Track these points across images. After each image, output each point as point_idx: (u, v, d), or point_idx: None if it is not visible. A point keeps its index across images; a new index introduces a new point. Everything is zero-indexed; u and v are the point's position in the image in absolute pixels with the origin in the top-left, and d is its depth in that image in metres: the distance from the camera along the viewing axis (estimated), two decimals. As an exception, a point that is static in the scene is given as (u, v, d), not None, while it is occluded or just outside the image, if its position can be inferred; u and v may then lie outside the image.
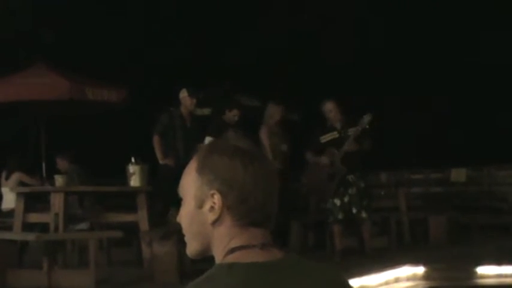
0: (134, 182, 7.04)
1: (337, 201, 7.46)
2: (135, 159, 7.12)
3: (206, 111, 9.24)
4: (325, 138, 7.51)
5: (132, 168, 7.05)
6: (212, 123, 8.05)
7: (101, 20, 14.07)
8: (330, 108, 7.45)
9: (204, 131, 7.75)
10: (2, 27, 13.30)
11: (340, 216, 7.48)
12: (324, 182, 7.50)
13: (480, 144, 13.51)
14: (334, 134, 7.48)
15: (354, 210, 7.46)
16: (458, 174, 11.73)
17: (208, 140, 7.15)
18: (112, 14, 14.31)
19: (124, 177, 7.20)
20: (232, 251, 1.41)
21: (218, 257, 1.44)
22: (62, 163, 9.29)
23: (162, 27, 14.97)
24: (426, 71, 14.77)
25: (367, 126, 7.31)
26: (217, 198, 1.41)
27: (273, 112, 7.95)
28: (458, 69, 14.15)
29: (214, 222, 1.43)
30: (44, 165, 9.94)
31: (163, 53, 14.75)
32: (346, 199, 7.45)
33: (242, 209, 1.41)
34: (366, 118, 7.32)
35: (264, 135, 7.89)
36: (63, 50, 13.52)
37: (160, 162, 7.79)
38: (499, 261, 7.05)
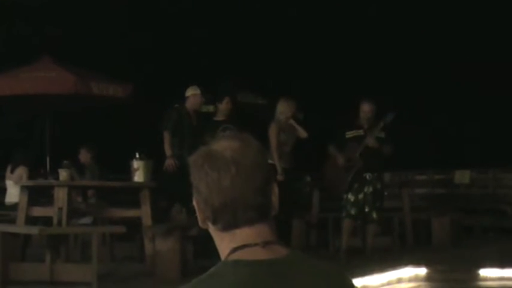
0: (138, 177, 7.04)
1: (351, 197, 7.51)
2: (139, 154, 7.11)
3: (211, 108, 9.21)
4: (350, 134, 7.62)
5: (136, 164, 7.04)
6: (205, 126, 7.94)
7: (107, 14, 14.08)
8: (368, 109, 7.52)
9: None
10: (8, 22, 13.33)
11: (353, 211, 7.52)
12: (340, 175, 7.55)
13: (485, 147, 13.48)
14: (360, 132, 7.59)
15: (367, 209, 7.50)
16: (462, 176, 11.70)
17: None
18: (119, 10, 14.32)
19: (128, 172, 7.20)
20: (234, 250, 1.42)
21: (222, 256, 1.45)
22: (85, 155, 9.27)
23: (168, 23, 14.98)
24: (427, 71, 14.75)
25: (389, 122, 7.44)
26: (195, 204, 1.47)
27: (284, 108, 7.79)
28: (461, 70, 14.12)
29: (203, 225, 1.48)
30: (48, 159, 9.95)
31: (169, 49, 14.76)
32: (360, 196, 7.49)
33: (208, 213, 1.44)
34: (390, 115, 7.46)
35: (272, 133, 7.70)
36: (69, 44, 13.54)
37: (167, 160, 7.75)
38: (501, 264, 7.03)
